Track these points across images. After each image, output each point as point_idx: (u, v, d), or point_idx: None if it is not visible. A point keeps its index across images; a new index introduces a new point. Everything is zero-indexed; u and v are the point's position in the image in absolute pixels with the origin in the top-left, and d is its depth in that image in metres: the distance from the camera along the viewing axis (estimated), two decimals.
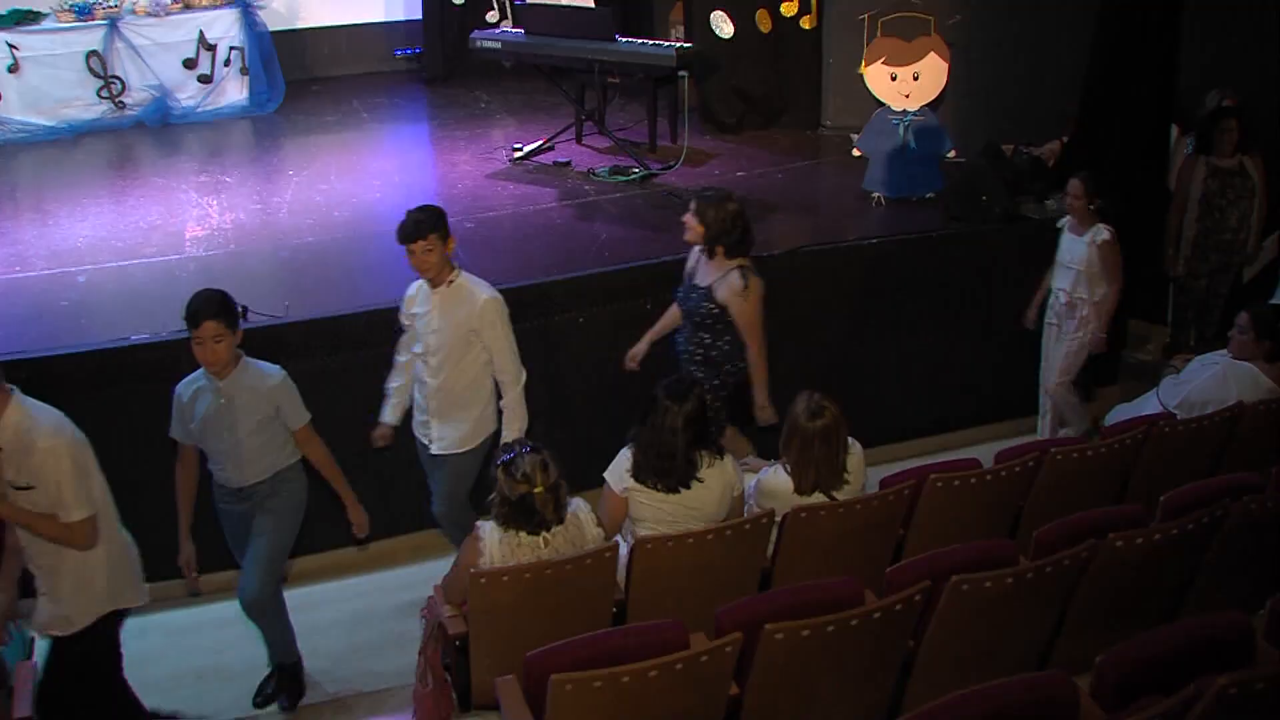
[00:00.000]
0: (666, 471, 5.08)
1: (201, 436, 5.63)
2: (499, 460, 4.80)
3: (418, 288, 6.16)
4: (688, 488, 5.08)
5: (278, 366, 5.70)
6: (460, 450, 6.22)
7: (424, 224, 5.93)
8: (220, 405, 5.52)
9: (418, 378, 6.26)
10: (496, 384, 6.22)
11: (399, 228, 5.94)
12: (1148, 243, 8.41)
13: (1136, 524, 4.65)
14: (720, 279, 6.32)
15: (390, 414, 6.44)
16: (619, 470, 5.19)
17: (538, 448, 4.83)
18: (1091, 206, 7.32)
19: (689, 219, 6.39)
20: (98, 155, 10.23)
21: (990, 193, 8.13)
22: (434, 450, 6.26)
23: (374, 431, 6.45)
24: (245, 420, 5.54)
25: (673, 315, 6.79)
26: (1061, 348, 7.66)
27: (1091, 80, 8.36)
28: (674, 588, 4.83)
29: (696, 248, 6.51)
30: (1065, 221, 7.55)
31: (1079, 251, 7.40)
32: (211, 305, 5.39)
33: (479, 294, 6.01)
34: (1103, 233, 7.32)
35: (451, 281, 6.03)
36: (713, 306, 6.34)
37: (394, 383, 6.43)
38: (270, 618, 5.88)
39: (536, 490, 4.72)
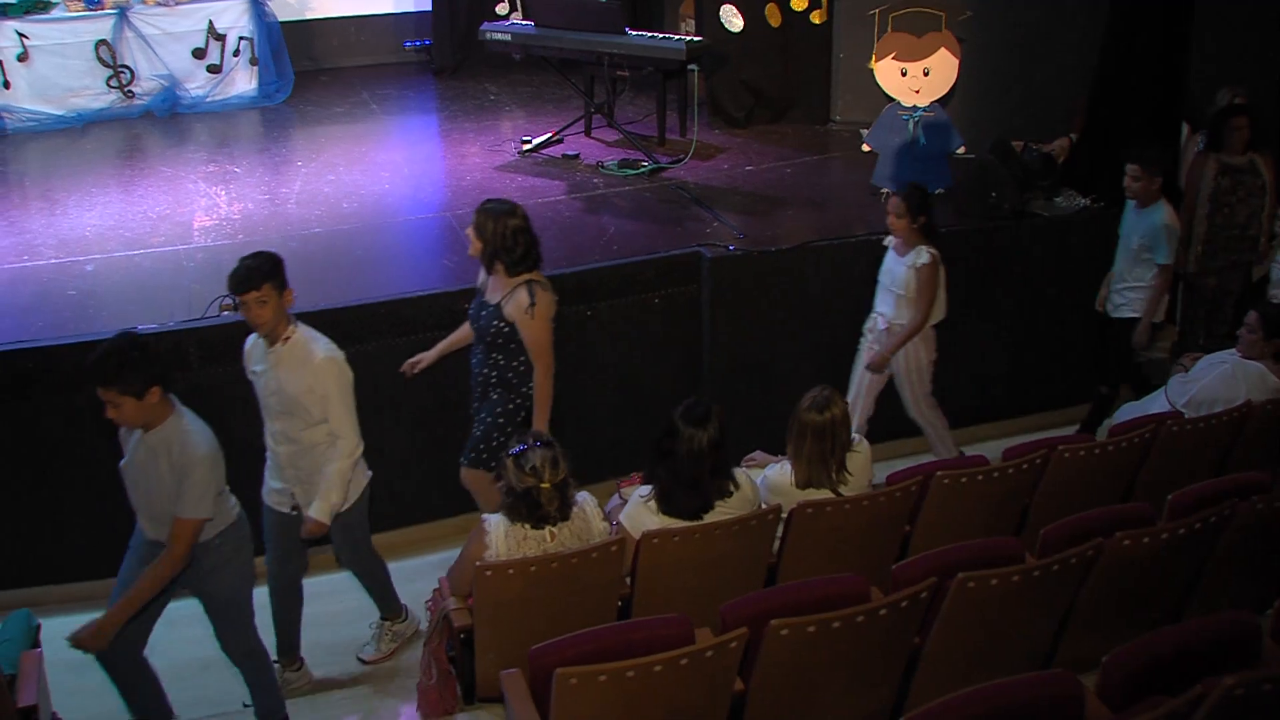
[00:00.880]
0: (692, 499, 4.97)
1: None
2: (511, 451, 4.79)
3: (254, 343, 5.62)
4: (709, 511, 4.99)
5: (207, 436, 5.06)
6: (342, 509, 5.67)
7: (256, 272, 5.33)
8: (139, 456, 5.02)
9: (267, 444, 5.71)
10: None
11: (230, 276, 5.37)
12: None
13: (1143, 523, 4.65)
14: (509, 295, 5.92)
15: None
16: (640, 513, 5.03)
17: (550, 442, 4.82)
18: (915, 225, 6.83)
19: (469, 231, 5.98)
20: (106, 145, 10.24)
21: (999, 189, 8.10)
22: (312, 513, 5.58)
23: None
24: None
25: (465, 331, 6.40)
26: (900, 380, 7.20)
27: (1101, 77, 8.34)
28: (680, 583, 4.83)
29: None
30: (890, 240, 7.11)
31: (899, 274, 6.95)
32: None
33: (316, 352, 5.42)
34: (924, 254, 6.83)
35: (288, 338, 5.44)
36: (503, 325, 5.93)
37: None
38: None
39: (543, 485, 4.71)
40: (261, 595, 5.81)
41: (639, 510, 5.00)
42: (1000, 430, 8.04)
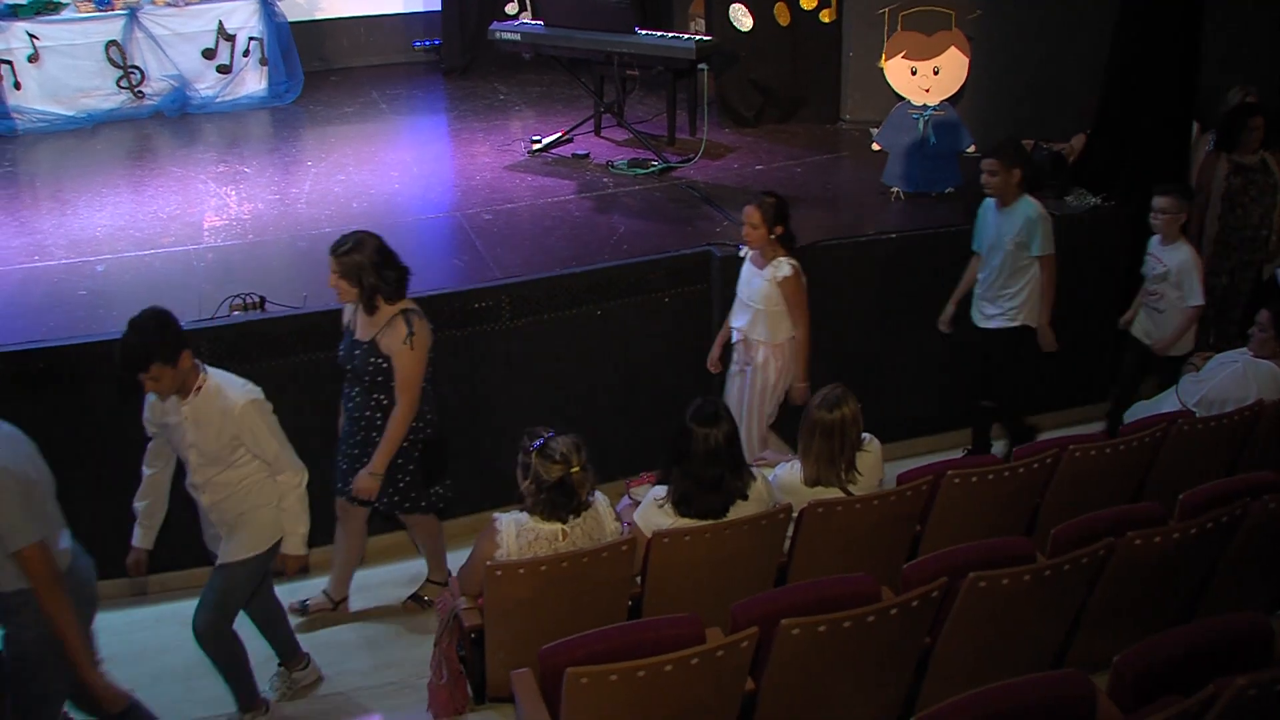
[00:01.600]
0: (711, 499, 4.95)
1: None
2: (530, 447, 4.78)
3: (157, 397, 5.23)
4: (726, 514, 4.97)
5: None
6: (243, 556, 5.37)
7: (140, 354, 4.93)
8: None
9: (190, 492, 5.42)
10: None
11: (117, 348, 5.00)
12: None
13: (1155, 522, 4.64)
14: (385, 329, 5.71)
15: (141, 538, 5.48)
16: (655, 514, 5.01)
17: (565, 431, 4.83)
18: (773, 235, 6.58)
19: (336, 281, 5.70)
20: (116, 145, 10.26)
21: None
22: (226, 559, 5.38)
23: (128, 559, 5.49)
24: None
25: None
26: (746, 394, 6.92)
27: (1112, 76, 8.32)
28: (690, 582, 4.83)
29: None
30: (746, 252, 6.85)
31: (757, 287, 6.70)
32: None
33: (232, 398, 5.12)
34: (784, 267, 6.60)
35: (199, 388, 5.12)
36: (381, 360, 5.72)
37: (142, 501, 5.49)
38: None
39: (574, 470, 4.73)
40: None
41: (653, 513, 4.99)
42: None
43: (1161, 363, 7.46)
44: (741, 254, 6.89)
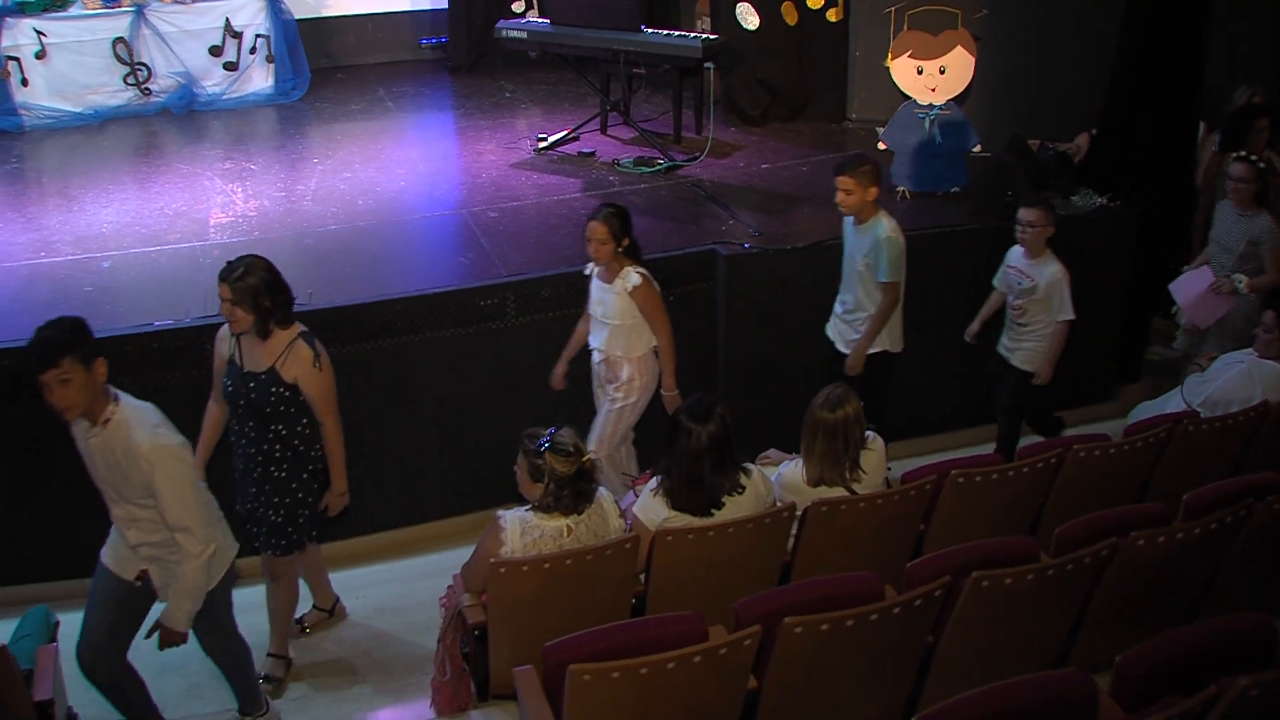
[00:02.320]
0: (696, 495, 4.97)
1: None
2: (539, 447, 4.79)
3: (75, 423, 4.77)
4: (719, 508, 4.99)
5: None
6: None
7: (53, 345, 4.50)
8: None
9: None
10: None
11: (27, 349, 4.60)
12: (1173, 240, 8.37)
13: (1159, 523, 4.64)
14: (284, 355, 5.38)
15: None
16: (652, 504, 5.04)
17: (559, 425, 4.88)
18: (620, 248, 6.39)
19: (230, 310, 5.30)
20: (123, 141, 10.27)
21: (1015, 188, 8.08)
22: (165, 620, 4.96)
23: None
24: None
25: (216, 419, 5.77)
26: (606, 406, 6.74)
27: (1118, 76, 8.31)
28: (694, 580, 4.83)
29: (227, 330, 5.53)
30: (592, 269, 6.63)
31: (610, 303, 6.49)
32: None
33: (138, 439, 4.60)
34: (633, 277, 6.40)
35: (107, 420, 4.63)
36: (283, 389, 5.38)
37: None
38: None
39: (586, 460, 4.79)
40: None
41: (651, 501, 5.01)
42: None
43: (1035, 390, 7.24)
44: (586, 271, 6.68)
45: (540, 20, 10.05)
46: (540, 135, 9.96)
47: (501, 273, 7.34)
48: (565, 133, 9.95)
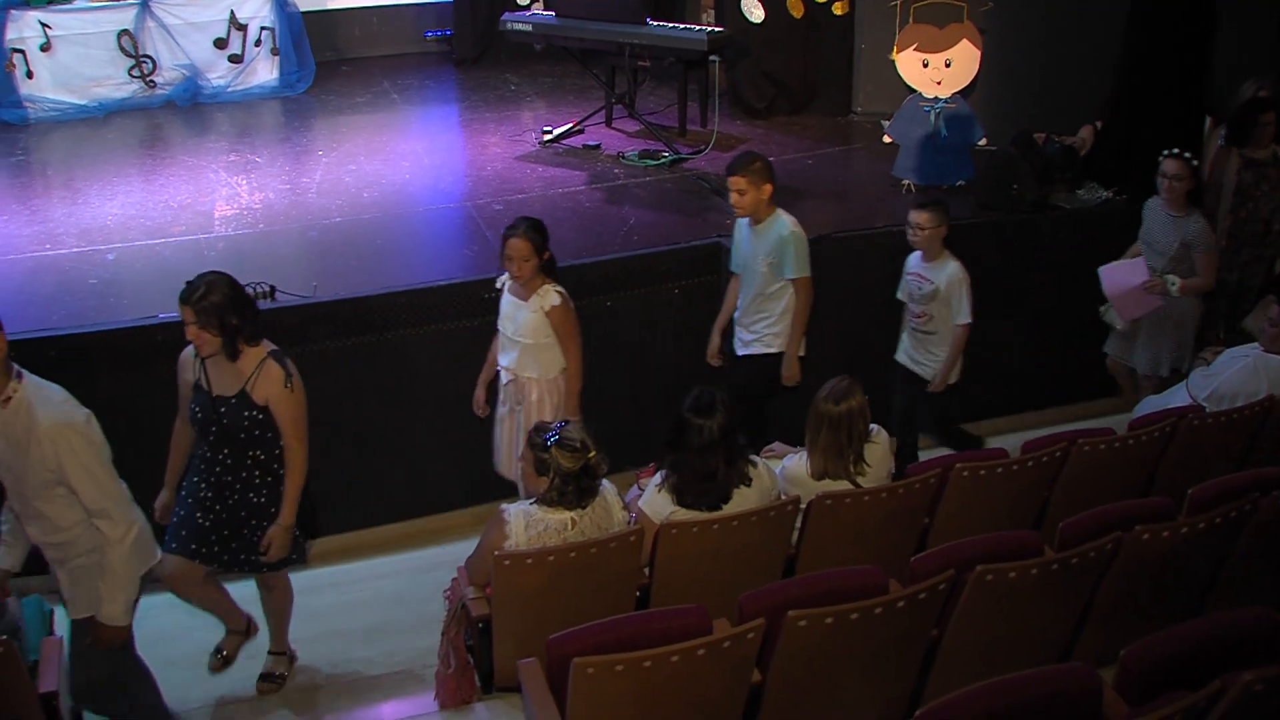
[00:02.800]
0: (707, 490, 4.95)
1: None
2: (546, 441, 4.78)
3: None
4: (728, 502, 4.97)
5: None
6: (85, 615, 4.71)
7: None
8: None
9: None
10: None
11: None
12: None
13: (1164, 517, 4.63)
14: (254, 377, 5.10)
15: (4, 556, 4.91)
16: (657, 499, 5.02)
17: (565, 420, 4.88)
18: (540, 264, 6.09)
19: (195, 332, 5.01)
20: (128, 134, 10.26)
21: (1021, 181, 8.08)
22: (71, 615, 4.76)
23: None
24: None
25: (183, 442, 5.46)
26: (516, 440, 6.29)
27: (1124, 69, 8.30)
28: (698, 573, 4.83)
29: (190, 353, 5.21)
30: (505, 282, 6.27)
31: (524, 320, 6.16)
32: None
33: (41, 417, 4.38)
34: (551, 295, 6.10)
35: (8, 398, 4.40)
36: (256, 413, 5.11)
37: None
38: None
39: (591, 455, 4.76)
40: None
41: (655, 497, 5.00)
42: (1019, 424, 8.00)
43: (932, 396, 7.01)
44: (498, 285, 6.32)
45: (545, 13, 10.03)
46: (545, 128, 9.96)
47: None
48: (570, 126, 9.94)
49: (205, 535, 5.31)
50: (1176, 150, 7.27)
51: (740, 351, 6.97)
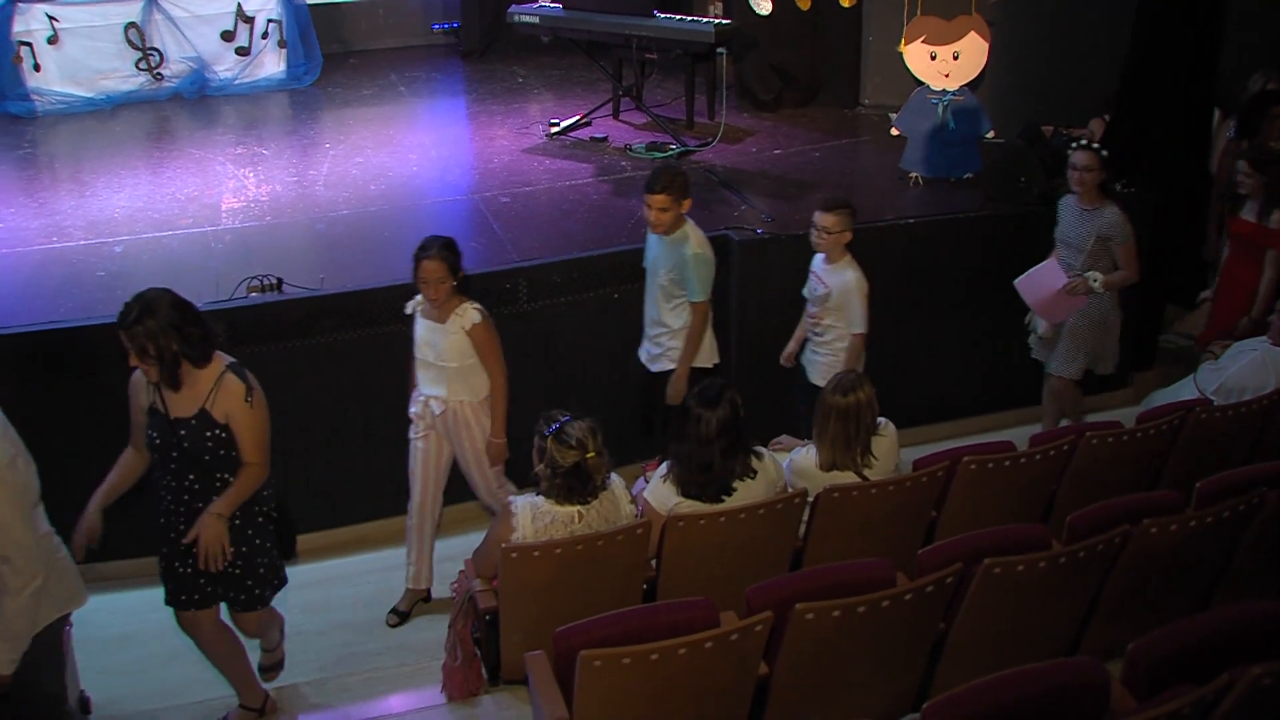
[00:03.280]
0: (706, 482, 4.96)
1: None
2: (546, 431, 4.78)
3: None
4: (730, 494, 4.98)
5: None
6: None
7: None
8: None
9: None
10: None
11: None
12: (1188, 226, 8.33)
13: (1171, 510, 4.62)
14: (212, 394, 4.73)
15: None
16: (662, 489, 5.04)
17: (581, 416, 4.82)
18: (455, 284, 5.86)
19: (137, 362, 4.66)
20: (135, 127, 10.27)
21: (1028, 174, 8.06)
22: None
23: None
24: None
25: (130, 467, 5.10)
26: (467, 462, 6.19)
27: (1133, 62, 8.28)
28: (705, 566, 4.83)
29: (142, 376, 4.81)
30: (416, 306, 6.05)
31: (445, 345, 5.89)
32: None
33: None
34: (471, 314, 5.87)
35: None
36: (219, 431, 4.75)
37: None
38: None
39: (589, 456, 4.73)
40: None
41: (661, 487, 5.01)
42: (1025, 417, 7.98)
43: None
44: (408, 310, 6.07)
45: (553, 5, 10.02)
46: (552, 120, 9.96)
47: (513, 258, 7.34)
48: (578, 118, 9.95)
49: (193, 582, 4.97)
50: (1084, 140, 7.11)
51: (652, 367, 6.82)
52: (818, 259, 6.70)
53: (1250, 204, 7.36)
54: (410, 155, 9.47)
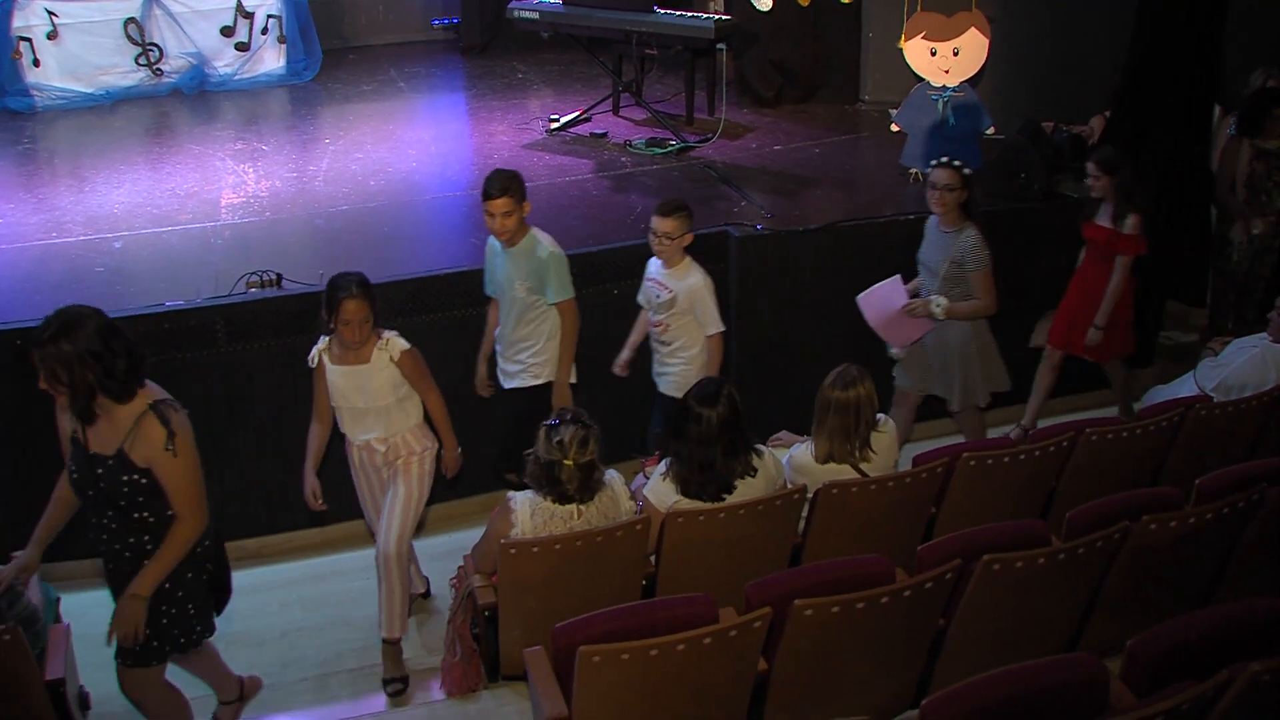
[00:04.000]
0: (707, 481, 4.94)
1: None
2: (549, 421, 4.78)
3: None
4: (731, 493, 4.97)
5: None
6: None
7: None
8: None
9: None
10: None
11: None
12: (1188, 224, 8.32)
13: (1171, 507, 4.62)
14: (130, 435, 4.30)
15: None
16: (661, 487, 5.02)
17: (588, 423, 4.79)
18: (373, 324, 5.41)
19: (48, 387, 4.28)
20: (135, 122, 10.27)
21: (1029, 170, 8.06)
22: None
23: None
24: None
25: (65, 500, 4.67)
26: (398, 501, 5.67)
27: (1133, 58, 8.26)
28: (704, 562, 4.83)
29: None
30: (323, 355, 5.52)
31: (376, 385, 5.48)
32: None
33: None
34: (396, 343, 5.48)
35: None
36: (138, 476, 4.32)
37: None
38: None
39: (565, 462, 4.71)
40: None
41: (661, 485, 5.00)
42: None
43: None
44: (312, 362, 5.57)
45: (552, 1, 10.02)
46: (552, 116, 9.95)
47: None
48: (577, 114, 9.94)
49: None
50: (946, 159, 6.69)
51: (506, 384, 6.49)
52: (654, 264, 6.43)
53: (1104, 207, 7.15)
54: (410, 151, 9.47)
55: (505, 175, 6.14)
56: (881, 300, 6.88)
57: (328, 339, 5.50)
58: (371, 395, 5.49)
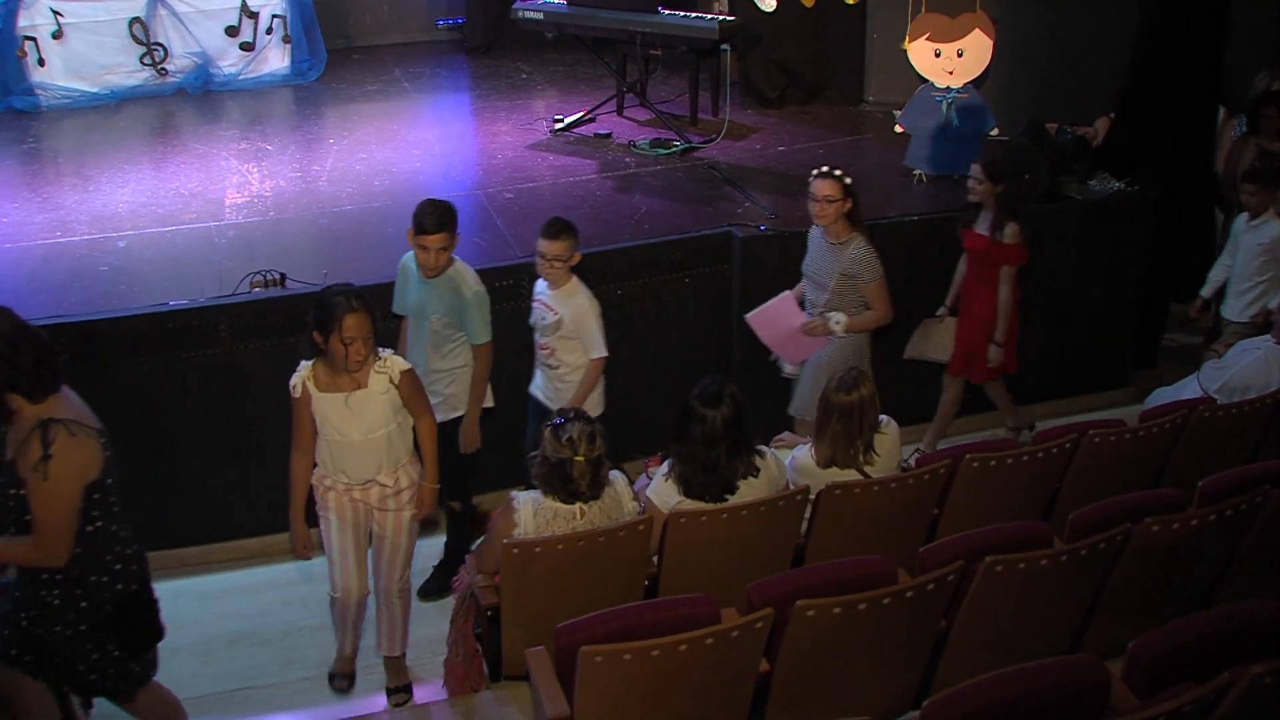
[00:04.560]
0: (710, 482, 4.93)
1: None
2: (553, 421, 4.78)
3: None
4: (733, 493, 4.96)
5: None
6: None
7: None
8: None
9: None
10: None
11: None
12: (1192, 225, 8.32)
13: (1174, 509, 4.61)
14: (23, 447, 4.04)
15: None
16: (664, 488, 5.01)
17: (591, 420, 4.81)
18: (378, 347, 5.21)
19: None
20: (139, 122, 10.28)
21: (1032, 172, 8.05)
22: None
23: None
24: None
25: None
26: (393, 542, 5.50)
27: (1138, 59, 8.27)
28: (707, 562, 4.83)
29: None
30: (305, 380, 5.16)
31: (375, 413, 5.17)
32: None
33: None
34: (395, 361, 5.19)
35: None
36: (18, 491, 4.06)
37: None
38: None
39: (577, 459, 4.70)
40: None
41: (663, 485, 5.00)
42: (1031, 414, 7.99)
43: None
44: (296, 390, 5.19)
45: (557, 1, 10.02)
46: (556, 116, 9.96)
47: (516, 254, 7.34)
48: (581, 114, 9.95)
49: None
50: (826, 169, 6.39)
51: (443, 418, 6.02)
52: (541, 285, 6.29)
53: (983, 214, 6.95)
54: (414, 151, 9.48)
55: (442, 209, 5.83)
56: (774, 319, 6.73)
57: (311, 364, 5.14)
58: (370, 425, 5.14)
